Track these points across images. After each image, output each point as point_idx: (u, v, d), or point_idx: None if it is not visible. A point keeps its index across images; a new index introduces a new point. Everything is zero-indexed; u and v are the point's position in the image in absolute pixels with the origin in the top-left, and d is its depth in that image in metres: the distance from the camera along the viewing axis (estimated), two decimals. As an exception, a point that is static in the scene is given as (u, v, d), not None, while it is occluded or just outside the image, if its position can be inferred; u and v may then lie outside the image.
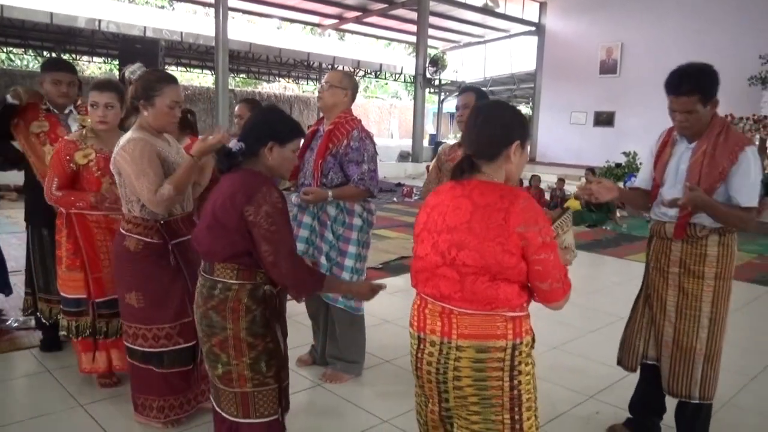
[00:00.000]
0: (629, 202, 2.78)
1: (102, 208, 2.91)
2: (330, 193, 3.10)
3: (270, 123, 2.04)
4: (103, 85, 2.91)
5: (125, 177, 2.46)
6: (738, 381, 3.54)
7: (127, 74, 2.58)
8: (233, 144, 2.00)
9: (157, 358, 2.59)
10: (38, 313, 3.42)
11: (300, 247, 3.16)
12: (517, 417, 1.69)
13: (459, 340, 1.67)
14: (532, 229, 1.62)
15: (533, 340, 1.74)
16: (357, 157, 3.14)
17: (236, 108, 3.87)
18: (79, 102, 3.45)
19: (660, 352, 2.60)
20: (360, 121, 3.31)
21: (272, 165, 2.02)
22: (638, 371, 2.76)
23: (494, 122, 1.74)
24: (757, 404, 3.27)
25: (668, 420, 2.76)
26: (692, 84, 2.33)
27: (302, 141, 2.12)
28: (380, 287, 2.18)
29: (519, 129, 1.75)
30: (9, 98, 3.14)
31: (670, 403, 2.69)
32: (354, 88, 3.30)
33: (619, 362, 2.77)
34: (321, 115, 3.44)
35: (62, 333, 3.06)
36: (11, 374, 3.29)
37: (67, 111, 3.35)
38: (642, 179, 2.73)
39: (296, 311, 4.31)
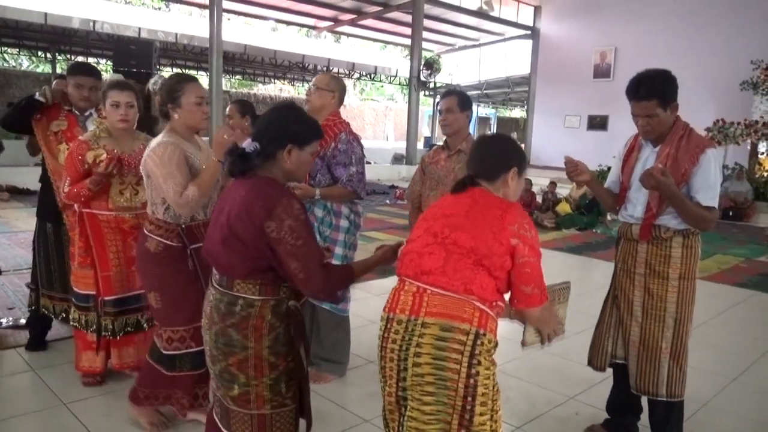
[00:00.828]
0: (598, 194, 2.86)
1: (100, 186, 2.87)
2: (317, 191, 3.14)
3: (289, 123, 1.89)
4: (124, 84, 2.96)
5: (153, 179, 2.48)
6: (718, 383, 3.59)
7: (150, 87, 2.67)
8: (247, 144, 1.84)
9: (168, 361, 2.62)
10: (43, 309, 3.45)
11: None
12: (468, 407, 1.71)
13: (426, 318, 1.73)
14: (524, 233, 1.77)
15: (496, 345, 1.78)
16: (345, 160, 3.17)
17: (227, 109, 3.90)
18: (100, 106, 3.46)
19: (627, 351, 2.66)
20: (348, 123, 3.35)
21: (290, 169, 1.88)
22: (609, 371, 2.81)
23: (495, 149, 1.97)
24: (735, 406, 3.31)
25: (646, 420, 2.79)
26: (650, 89, 2.44)
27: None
28: (399, 245, 2.02)
29: (516, 158, 1.95)
30: (37, 95, 3.26)
31: (647, 403, 2.73)
32: (341, 91, 3.33)
33: (590, 362, 2.82)
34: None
35: (74, 324, 3.10)
36: (-4, 373, 3.30)
37: (87, 113, 3.40)
38: (610, 182, 2.82)
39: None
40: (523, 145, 23.47)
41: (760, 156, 14.03)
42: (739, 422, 3.15)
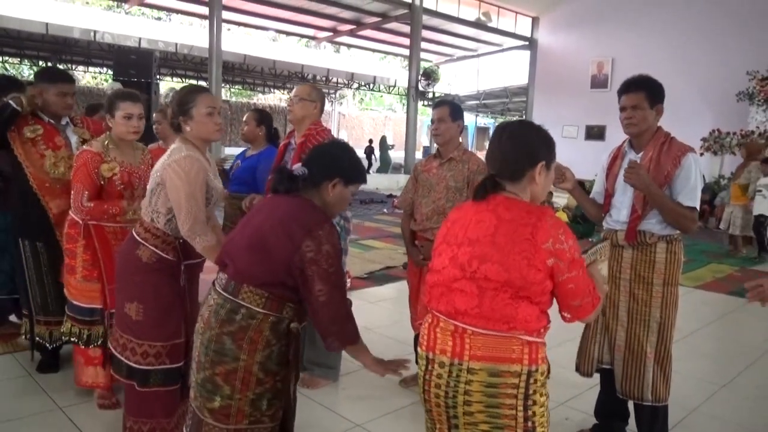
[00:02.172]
0: (581, 203, 2.94)
1: (129, 212, 2.89)
2: None
3: (342, 160, 1.96)
4: (135, 96, 2.93)
5: (170, 190, 2.34)
6: (707, 389, 3.63)
7: (163, 101, 2.63)
8: (297, 168, 1.91)
9: (142, 376, 2.46)
10: (37, 338, 3.27)
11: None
12: None
13: (471, 362, 1.58)
14: (560, 246, 1.57)
15: (548, 370, 1.66)
16: None
17: (245, 116, 4.05)
18: (72, 114, 3.44)
19: (613, 356, 2.71)
20: (330, 131, 3.42)
21: (330, 201, 1.93)
22: (596, 377, 2.86)
23: (518, 142, 1.70)
24: (724, 412, 3.35)
25: (633, 425, 2.83)
26: (640, 83, 2.60)
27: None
28: (403, 364, 2.02)
29: (544, 149, 1.71)
30: (12, 104, 3.09)
31: (633, 407, 2.77)
32: (322, 101, 3.40)
33: (577, 369, 2.87)
34: (291, 128, 3.53)
35: (72, 340, 2.98)
36: (-8, 378, 3.34)
37: (64, 122, 3.33)
38: (596, 192, 2.91)
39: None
40: (554, 166, 23.75)
41: (756, 166, 14.09)
42: (726, 427, 3.19)
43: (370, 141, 23.84)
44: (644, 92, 2.55)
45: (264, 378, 1.83)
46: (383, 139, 21.93)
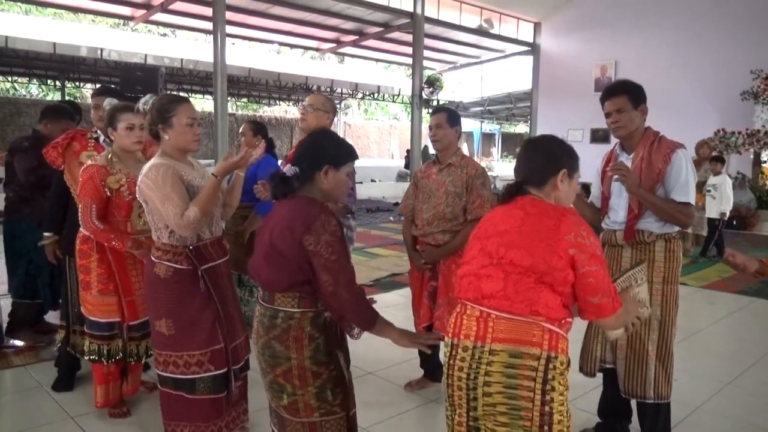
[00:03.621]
0: (577, 207, 2.96)
1: (134, 252, 2.87)
2: None
3: (325, 146, 2.02)
4: (134, 107, 2.91)
5: (151, 204, 2.43)
6: (712, 387, 3.64)
7: (140, 106, 2.65)
8: (288, 169, 1.96)
9: (189, 385, 2.48)
10: (69, 348, 3.21)
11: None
12: None
13: (493, 344, 1.66)
14: (582, 240, 1.66)
15: (569, 364, 1.72)
16: None
17: (242, 127, 4.22)
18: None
19: (615, 355, 2.72)
20: None
21: (327, 189, 1.99)
22: (599, 376, 2.87)
23: (542, 152, 1.87)
24: (728, 409, 3.36)
25: (636, 423, 2.85)
26: (619, 88, 2.67)
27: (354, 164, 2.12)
28: (437, 337, 2.06)
29: (566, 159, 1.84)
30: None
31: (636, 406, 2.79)
32: (335, 112, 3.52)
33: (580, 369, 2.88)
34: (298, 138, 3.60)
35: (91, 357, 2.97)
36: (4, 390, 3.42)
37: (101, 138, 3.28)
38: (593, 197, 2.95)
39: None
40: (577, 176, 23.68)
41: (763, 165, 14.05)
42: (729, 424, 3.20)
43: (408, 151, 23.95)
44: (626, 95, 2.61)
45: (318, 370, 1.92)
46: (425, 149, 21.87)
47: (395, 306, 5.41)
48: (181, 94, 22.02)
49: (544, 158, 1.84)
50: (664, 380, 2.62)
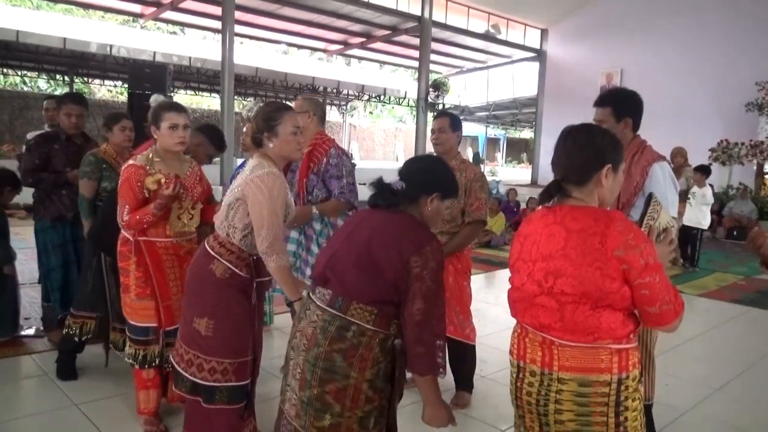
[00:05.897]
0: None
1: (163, 211, 2.77)
2: (314, 208, 3.35)
3: (440, 175, 1.98)
4: (180, 106, 2.91)
5: (252, 205, 2.30)
6: (701, 392, 3.71)
7: (245, 114, 2.65)
8: (395, 182, 1.92)
9: (208, 392, 2.39)
10: (109, 343, 3.26)
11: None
12: None
13: (560, 373, 1.59)
14: (631, 252, 1.53)
15: (641, 374, 1.65)
16: (337, 173, 3.39)
17: (244, 128, 4.16)
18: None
19: None
20: (334, 140, 3.59)
21: (427, 215, 1.93)
22: None
23: (584, 145, 1.67)
24: (717, 413, 3.44)
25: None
26: (606, 98, 2.66)
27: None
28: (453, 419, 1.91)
29: (611, 152, 1.67)
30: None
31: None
32: (317, 110, 3.51)
33: None
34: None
35: (129, 361, 2.89)
36: (10, 377, 3.49)
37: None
38: None
39: (284, 324, 4.51)
40: (531, 166, 23.47)
41: (765, 176, 14.09)
42: (717, 427, 3.27)
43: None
44: (610, 107, 2.61)
45: (372, 396, 1.81)
46: (476, 156, 21.79)
47: (394, 306, 5.49)
48: (188, 92, 22.29)
49: (585, 153, 1.66)
50: (646, 383, 2.68)
